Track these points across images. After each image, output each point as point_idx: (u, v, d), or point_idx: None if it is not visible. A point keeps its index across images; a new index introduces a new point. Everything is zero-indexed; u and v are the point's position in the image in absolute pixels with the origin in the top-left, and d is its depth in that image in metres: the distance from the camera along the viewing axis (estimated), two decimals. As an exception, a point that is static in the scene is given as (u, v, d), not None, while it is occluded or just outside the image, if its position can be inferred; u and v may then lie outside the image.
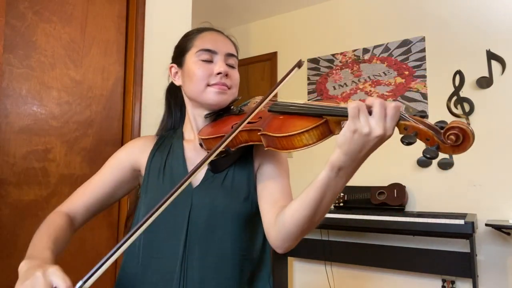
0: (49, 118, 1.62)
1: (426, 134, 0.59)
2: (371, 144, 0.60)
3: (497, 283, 2.43)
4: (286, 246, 0.75)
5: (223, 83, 0.88)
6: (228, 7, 3.51)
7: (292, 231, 0.72)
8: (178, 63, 0.96)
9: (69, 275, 0.66)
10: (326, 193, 0.66)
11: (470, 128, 0.57)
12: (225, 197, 0.84)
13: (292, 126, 0.69)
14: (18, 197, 1.50)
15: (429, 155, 0.57)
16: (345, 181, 0.66)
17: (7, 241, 1.47)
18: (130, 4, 1.97)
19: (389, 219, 2.39)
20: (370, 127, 0.58)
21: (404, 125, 0.60)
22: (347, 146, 0.61)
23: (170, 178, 0.89)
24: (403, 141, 0.59)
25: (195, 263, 0.80)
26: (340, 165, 0.63)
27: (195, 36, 0.94)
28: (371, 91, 3.04)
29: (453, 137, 0.57)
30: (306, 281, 3.15)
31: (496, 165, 2.51)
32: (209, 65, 0.89)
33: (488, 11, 2.65)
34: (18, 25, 1.54)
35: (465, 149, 0.59)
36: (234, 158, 0.86)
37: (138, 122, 1.91)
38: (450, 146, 0.58)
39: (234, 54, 0.94)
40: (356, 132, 0.59)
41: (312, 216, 0.69)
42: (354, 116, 0.59)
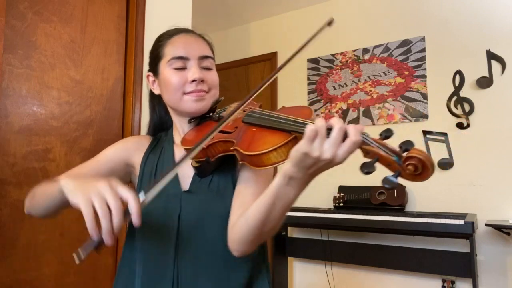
0: (49, 118, 1.62)
1: (387, 160, 0.57)
2: (319, 165, 0.60)
3: (497, 283, 2.43)
4: (240, 249, 0.74)
5: (200, 90, 0.86)
6: (228, 7, 3.51)
7: (245, 235, 0.71)
8: (154, 72, 0.94)
9: (69, 275, 0.65)
10: (276, 201, 0.66)
11: (429, 158, 0.55)
12: (212, 200, 0.84)
13: (261, 144, 0.68)
14: (18, 197, 1.50)
15: (388, 186, 0.56)
16: (296, 192, 0.65)
17: (7, 241, 1.47)
18: (130, 4, 1.97)
19: (389, 219, 2.39)
20: (321, 151, 0.58)
21: (366, 149, 0.59)
22: (298, 161, 0.61)
23: None
24: (362, 170, 0.57)
25: (188, 266, 0.81)
26: (291, 175, 0.63)
27: (165, 42, 0.91)
28: (371, 91, 3.04)
29: (412, 167, 0.55)
30: (306, 281, 3.15)
31: (496, 165, 2.51)
32: (183, 73, 0.87)
33: (488, 11, 2.65)
34: (18, 25, 1.54)
35: (426, 178, 0.56)
36: (219, 162, 0.86)
37: (138, 122, 1.91)
38: (411, 174, 0.56)
39: (208, 55, 0.91)
40: (307, 154, 0.59)
41: (263, 223, 0.68)
42: (309, 139, 0.58)
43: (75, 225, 1.70)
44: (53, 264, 1.60)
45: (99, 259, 1.78)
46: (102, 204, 0.58)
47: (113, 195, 0.59)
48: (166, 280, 0.81)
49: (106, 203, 0.58)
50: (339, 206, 2.79)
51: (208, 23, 3.84)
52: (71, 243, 1.68)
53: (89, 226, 0.58)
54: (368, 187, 2.76)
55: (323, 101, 3.26)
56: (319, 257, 2.91)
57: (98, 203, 0.58)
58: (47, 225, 1.60)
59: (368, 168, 0.56)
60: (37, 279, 1.55)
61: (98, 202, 0.58)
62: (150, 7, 2.03)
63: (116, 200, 0.58)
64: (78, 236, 1.71)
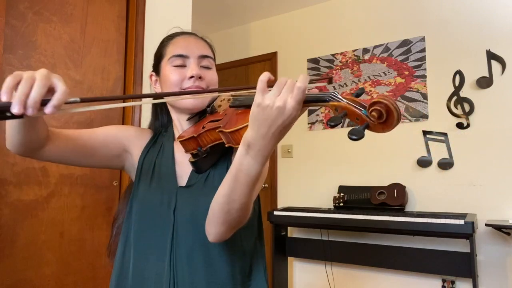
0: (49, 118, 1.62)
1: (354, 113, 0.57)
2: (272, 117, 0.59)
3: (497, 283, 2.43)
4: (213, 232, 0.74)
5: (197, 86, 0.88)
6: (228, 7, 3.51)
7: (215, 215, 0.72)
8: (156, 71, 0.97)
9: (69, 275, 0.65)
10: (239, 172, 0.65)
11: (393, 102, 0.54)
12: (208, 195, 0.84)
13: (241, 121, 0.69)
14: (18, 197, 1.50)
15: (355, 136, 0.54)
16: (256, 164, 0.64)
17: (7, 241, 1.47)
18: (130, 4, 1.97)
19: (389, 219, 2.39)
20: (273, 99, 0.59)
21: (334, 106, 0.59)
22: (252, 119, 0.61)
23: (158, 177, 0.91)
24: (328, 124, 0.57)
25: (184, 261, 0.82)
26: (248, 140, 0.62)
27: (167, 43, 0.95)
28: (371, 91, 3.04)
29: (375, 113, 0.54)
30: (306, 281, 3.15)
31: (496, 165, 2.51)
32: (182, 70, 0.90)
33: (488, 11, 2.65)
34: (18, 25, 1.54)
35: (392, 125, 0.55)
36: (214, 159, 0.88)
37: (138, 122, 1.91)
38: (377, 124, 0.55)
39: (208, 55, 0.94)
40: (260, 105, 0.60)
41: (230, 198, 0.68)
42: (260, 89, 0.60)
43: (75, 225, 1.70)
44: (53, 264, 1.60)
45: (99, 259, 1.78)
46: (28, 78, 0.55)
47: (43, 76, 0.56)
48: (163, 274, 0.82)
49: (33, 80, 0.55)
50: (339, 206, 2.79)
51: (208, 23, 3.84)
52: (71, 243, 1.68)
53: (3, 87, 0.54)
54: (368, 187, 2.76)
55: (323, 101, 3.26)
56: (319, 257, 2.91)
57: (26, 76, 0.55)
58: (47, 225, 1.60)
59: (335, 121, 0.56)
60: (37, 279, 1.55)
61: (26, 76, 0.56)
62: (150, 7, 2.03)
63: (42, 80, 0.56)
64: (78, 236, 1.71)
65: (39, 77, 0.56)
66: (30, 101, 0.54)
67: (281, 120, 0.59)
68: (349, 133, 0.54)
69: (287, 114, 0.59)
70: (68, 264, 1.65)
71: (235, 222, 0.72)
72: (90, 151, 0.89)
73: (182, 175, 0.90)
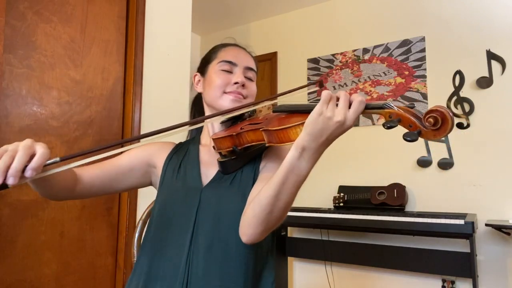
0: (49, 118, 1.62)
1: (409, 120, 0.63)
2: (331, 128, 0.65)
3: (497, 283, 2.43)
4: (249, 232, 0.75)
5: (239, 92, 0.96)
6: (228, 7, 3.51)
7: (256, 215, 0.73)
8: (201, 72, 1.04)
9: (69, 275, 0.66)
10: (289, 174, 0.69)
11: (449, 111, 0.60)
12: (232, 196, 0.87)
13: (289, 122, 0.73)
14: (18, 197, 1.50)
15: (409, 138, 0.60)
16: (308, 165, 0.69)
17: (7, 241, 1.47)
18: (130, 4, 1.97)
19: (389, 219, 2.39)
20: (334, 112, 0.65)
21: (389, 113, 0.65)
22: (311, 126, 0.66)
23: (183, 177, 0.94)
24: (384, 125, 0.62)
25: (200, 259, 0.83)
26: (304, 145, 0.67)
27: (219, 49, 1.03)
28: (371, 91, 3.04)
29: (432, 120, 0.60)
30: (306, 281, 3.15)
31: (496, 165, 2.51)
32: (228, 75, 0.97)
33: (488, 11, 2.65)
34: (18, 25, 1.54)
35: (445, 131, 0.61)
36: (243, 161, 0.91)
37: (138, 122, 1.91)
38: (431, 131, 0.61)
39: (253, 68, 1.02)
40: (321, 115, 0.65)
41: (276, 199, 0.70)
42: (324, 101, 0.66)
43: (75, 225, 1.70)
44: (53, 264, 1.60)
45: (99, 259, 1.78)
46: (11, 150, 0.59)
47: (25, 147, 0.60)
48: (178, 269, 0.83)
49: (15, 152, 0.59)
50: (339, 206, 2.79)
51: (208, 23, 3.84)
52: (71, 243, 1.68)
53: None
54: (368, 187, 2.76)
55: (323, 101, 3.26)
56: (319, 257, 2.91)
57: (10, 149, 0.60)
58: (47, 225, 1.60)
59: (391, 123, 0.62)
60: (37, 279, 1.55)
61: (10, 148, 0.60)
62: (150, 7, 2.03)
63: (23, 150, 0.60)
64: (78, 236, 1.71)
65: (21, 148, 0.60)
66: (11, 171, 0.58)
67: (339, 131, 0.66)
68: (404, 135, 0.61)
69: (346, 127, 0.66)
70: (68, 264, 1.65)
71: (275, 222, 0.75)
72: (119, 178, 0.96)
73: (207, 175, 0.93)
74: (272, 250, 0.93)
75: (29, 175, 0.60)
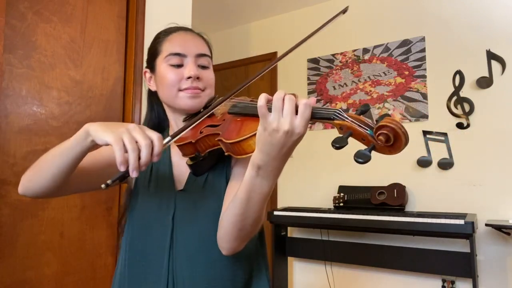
0: (49, 118, 1.62)
1: (360, 134, 0.56)
2: (281, 141, 0.58)
3: (497, 283, 2.43)
4: (227, 247, 0.74)
5: (195, 87, 0.86)
6: (228, 7, 3.51)
7: (228, 232, 0.72)
8: (150, 68, 0.94)
9: (69, 275, 0.66)
10: (251, 193, 0.65)
11: (401, 126, 0.52)
12: (207, 198, 0.84)
13: (242, 131, 0.67)
14: (18, 197, 1.50)
15: (361, 159, 0.52)
16: (269, 182, 0.64)
17: (7, 241, 1.47)
18: (130, 4, 1.97)
19: (389, 219, 2.39)
20: (278, 122, 0.57)
21: (339, 124, 0.57)
22: (261, 143, 0.60)
23: (155, 181, 0.89)
24: (333, 145, 0.54)
25: (184, 266, 0.80)
26: (259, 163, 0.62)
27: (163, 39, 0.91)
28: (371, 91, 3.04)
29: (382, 137, 0.53)
30: (306, 281, 3.15)
31: (496, 165, 2.51)
32: (179, 70, 0.87)
33: (488, 11, 2.65)
34: (18, 25, 1.54)
35: (399, 148, 0.53)
36: (212, 161, 0.86)
37: (138, 122, 1.91)
38: (385, 147, 0.54)
39: (206, 53, 0.90)
40: (266, 129, 0.58)
41: (242, 217, 0.68)
42: (263, 115, 0.58)
43: (75, 225, 1.70)
44: (53, 264, 1.60)
45: (99, 259, 1.78)
46: (131, 140, 0.63)
47: (142, 133, 0.64)
48: (160, 279, 0.80)
49: (135, 141, 0.63)
50: (339, 206, 2.79)
51: (208, 23, 3.84)
52: (71, 243, 1.68)
53: (118, 159, 0.62)
54: (368, 187, 2.76)
55: (323, 101, 3.26)
56: (319, 257, 2.91)
57: (128, 139, 0.63)
58: (47, 225, 1.60)
59: (340, 142, 0.54)
60: (37, 279, 1.55)
61: (128, 138, 0.63)
62: (150, 7, 2.03)
63: (145, 138, 0.63)
64: (78, 236, 1.71)
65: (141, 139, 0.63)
66: (143, 164, 0.63)
67: (291, 141, 0.59)
68: (355, 155, 0.53)
69: (297, 135, 0.58)
70: (68, 264, 1.65)
71: (249, 235, 0.73)
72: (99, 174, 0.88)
73: (180, 178, 0.88)
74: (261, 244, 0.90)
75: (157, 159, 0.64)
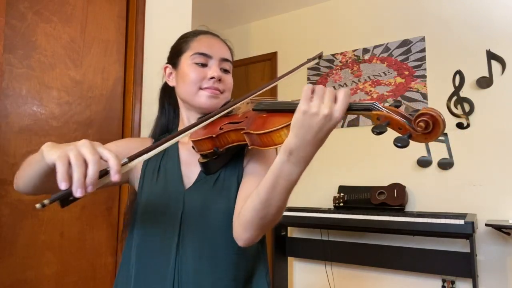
0: (49, 118, 1.62)
1: (398, 123, 0.60)
2: (319, 124, 0.60)
3: (497, 283, 2.43)
4: (245, 236, 0.74)
5: (216, 88, 0.90)
6: (228, 7, 3.51)
7: (249, 219, 0.71)
8: (173, 64, 0.97)
9: (69, 275, 0.65)
10: (278, 179, 0.65)
11: (440, 114, 0.57)
12: (217, 197, 0.84)
13: (272, 123, 0.70)
14: (18, 197, 1.50)
15: (400, 144, 0.57)
16: (298, 169, 0.65)
17: (7, 241, 1.47)
18: (130, 4, 1.97)
19: (389, 219, 2.39)
20: (319, 108, 0.60)
21: (377, 115, 0.61)
22: (297, 127, 0.61)
23: (164, 179, 0.90)
24: (373, 131, 0.59)
25: (189, 263, 0.81)
26: (291, 147, 0.63)
27: (191, 38, 0.95)
28: (371, 91, 3.04)
29: (423, 124, 0.57)
30: (306, 281, 3.15)
31: (496, 165, 2.51)
32: (203, 69, 0.90)
33: (488, 11, 2.65)
34: (18, 25, 1.54)
35: (437, 135, 0.58)
36: (225, 160, 0.87)
37: (138, 122, 1.91)
38: (421, 134, 0.58)
39: (229, 59, 0.95)
40: (306, 112, 0.60)
41: (267, 204, 0.68)
42: (306, 97, 0.61)
43: (75, 225, 1.70)
44: (53, 264, 1.60)
45: (99, 259, 1.78)
46: (77, 156, 0.56)
47: (91, 150, 0.57)
48: (166, 277, 0.81)
49: (82, 157, 0.56)
50: (339, 206, 2.79)
51: (208, 23, 3.82)
52: (71, 243, 1.68)
53: (59, 175, 0.55)
54: (368, 187, 2.76)
55: (323, 101, 3.26)
56: (319, 257, 2.91)
57: (74, 155, 0.56)
58: (47, 225, 1.60)
59: (380, 128, 0.59)
60: (37, 279, 1.55)
61: (74, 155, 0.56)
62: (150, 7, 2.03)
63: (93, 154, 0.57)
64: (78, 236, 1.71)
65: (89, 156, 0.56)
66: (89, 181, 0.55)
67: (327, 127, 0.61)
68: (394, 140, 0.57)
69: (334, 121, 0.60)
70: (68, 264, 1.65)
71: (269, 225, 0.73)
72: None
73: (189, 176, 0.89)
74: (262, 246, 0.91)
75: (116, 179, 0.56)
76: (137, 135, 1.89)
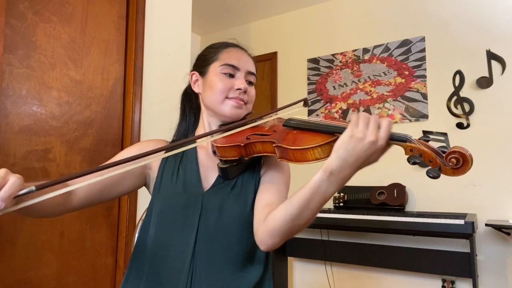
0: (49, 118, 1.62)
1: (429, 156, 0.67)
2: (363, 149, 0.64)
3: (497, 283, 2.43)
4: (270, 243, 0.77)
5: (241, 98, 0.95)
6: (228, 7, 3.51)
7: (278, 227, 0.74)
8: (200, 72, 1.01)
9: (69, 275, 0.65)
10: (314, 195, 0.69)
11: (469, 153, 0.65)
12: (234, 202, 0.88)
13: (306, 141, 0.74)
14: (18, 197, 1.50)
15: (432, 175, 0.65)
16: (334, 188, 0.69)
17: (7, 241, 1.47)
18: (130, 4, 1.97)
19: (389, 219, 2.39)
20: (365, 133, 0.64)
21: (410, 147, 0.68)
22: (342, 150, 0.66)
23: (183, 180, 0.92)
24: (409, 160, 0.67)
25: (203, 264, 0.83)
26: (332, 168, 0.67)
27: (221, 49, 1.00)
28: (371, 91, 3.04)
29: (454, 160, 0.65)
30: (306, 281, 3.15)
31: (496, 165, 2.51)
32: (231, 80, 0.95)
33: (488, 11, 2.65)
34: (18, 25, 1.54)
35: (464, 171, 0.65)
36: (243, 168, 0.91)
37: (138, 122, 1.91)
38: (450, 168, 0.65)
39: (254, 72, 1.01)
40: (353, 136, 0.65)
41: (298, 216, 0.72)
42: (354, 123, 0.66)
43: (75, 225, 1.70)
44: (53, 264, 1.60)
45: (99, 259, 1.78)
46: None
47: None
48: (182, 276, 0.82)
49: None
50: (339, 206, 2.79)
51: (208, 23, 3.84)
52: (71, 243, 1.68)
53: None
54: (368, 187, 2.76)
55: (323, 101, 3.26)
56: (319, 257, 2.91)
57: None
58: (47, 225, 1.60)
59: (415, 159, 0.67)
60: (37, 279, 1.55)
61: None
62: (150, 7, 2.03)
63: None
64: (78, 236, 1.71)
65: None
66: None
67: (371, 152, 0.65)
68: (427, 172, 0.66)
69: (378, 148, 0.66)
70: (68, 264, 1.65)
71: (293, 234, 0.76)
72: (117, 183, 0.91)
73: (208, 179, 0.92)
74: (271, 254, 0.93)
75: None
76: (137, 135, 1.89)
